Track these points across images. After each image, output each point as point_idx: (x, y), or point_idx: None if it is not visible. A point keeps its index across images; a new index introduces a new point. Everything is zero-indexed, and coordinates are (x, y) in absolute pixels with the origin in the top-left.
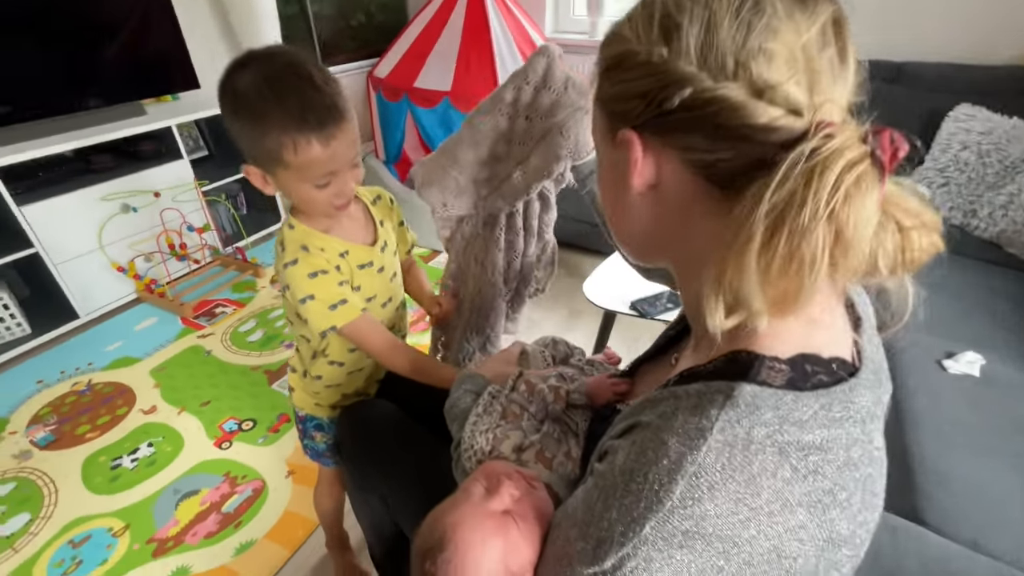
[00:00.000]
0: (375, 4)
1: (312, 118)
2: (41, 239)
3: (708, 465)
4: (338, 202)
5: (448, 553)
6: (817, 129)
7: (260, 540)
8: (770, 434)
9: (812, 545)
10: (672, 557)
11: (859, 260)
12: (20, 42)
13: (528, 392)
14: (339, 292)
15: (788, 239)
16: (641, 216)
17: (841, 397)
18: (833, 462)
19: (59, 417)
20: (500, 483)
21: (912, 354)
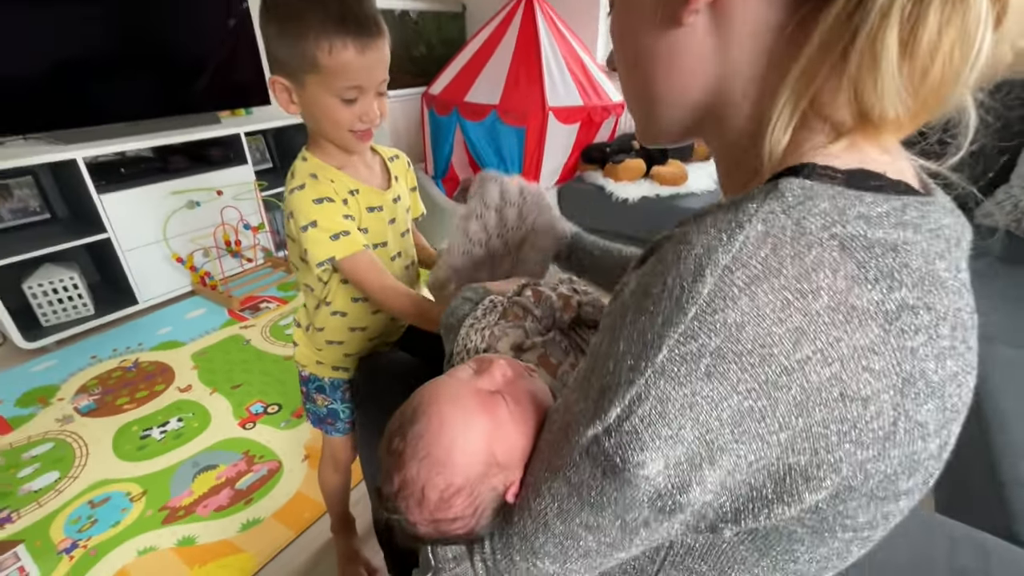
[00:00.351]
0: (436, 36)
1: (352, 22)
2: (114, 226)
3: (746, 257)
4: (360, 126)
5: (420, 427)
6: None
7: (267, 519)
8: (827, 225)
9: (888, 384)
10: (697, 392)
11: (1006, 46)
12: (123, 59)
13: (535, 299)
14: (342, 223)
15: (942, 7)
16: (691, 54)
17: (918, 207)
18: (913, 269)
19: (103, 389)
20: (492, 363)
21: (998, 361)
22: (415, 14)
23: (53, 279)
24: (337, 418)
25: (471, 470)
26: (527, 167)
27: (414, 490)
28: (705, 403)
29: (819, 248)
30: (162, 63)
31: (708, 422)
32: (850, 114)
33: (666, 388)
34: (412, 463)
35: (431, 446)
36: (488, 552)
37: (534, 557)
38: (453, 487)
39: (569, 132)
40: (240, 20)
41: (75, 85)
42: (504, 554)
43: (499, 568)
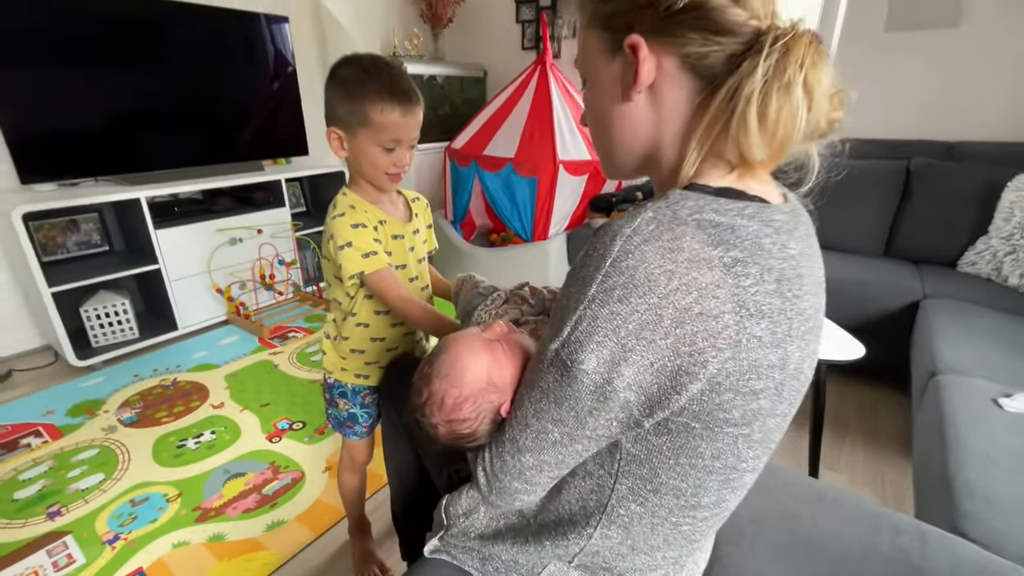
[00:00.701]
0: (460, 97)
1: (399, 93)
2: (165, 258)
3: (640, 228)
4: (394, 170)
5: (444, 356)
6: (770, 28)
7: (290, 521)
8: (691, 213)
9: (730, 307)
10: (614, 312)
11: (818, 117)
12: (182, 114)
13: (532, 292)
14: (372, 245)
15: (778, 96)
16: (637, 121)
17: (756, 207)
18: (744, 240)
19: (145, 403)
20: (493, 323)
21: (966, 391)
22: (442, 79)
23: (107, 304)
24: (356, 422)
25: (475, 386)
26: (539, 214)
27: (436, 398)
28: (619, 319)
29: (684, 225)
30: (216, 118)
31: (620, 331)
32: (736, 157)
33: (596, 310)
34: (436, 380)
35: (450, 368)
36: (487, 460)
37: (518, 453)
38: (463, 396)
39: (578, 183)
40: (284, 81)
41: (140, 136)
42: (498, 457)
43: (495, 470)
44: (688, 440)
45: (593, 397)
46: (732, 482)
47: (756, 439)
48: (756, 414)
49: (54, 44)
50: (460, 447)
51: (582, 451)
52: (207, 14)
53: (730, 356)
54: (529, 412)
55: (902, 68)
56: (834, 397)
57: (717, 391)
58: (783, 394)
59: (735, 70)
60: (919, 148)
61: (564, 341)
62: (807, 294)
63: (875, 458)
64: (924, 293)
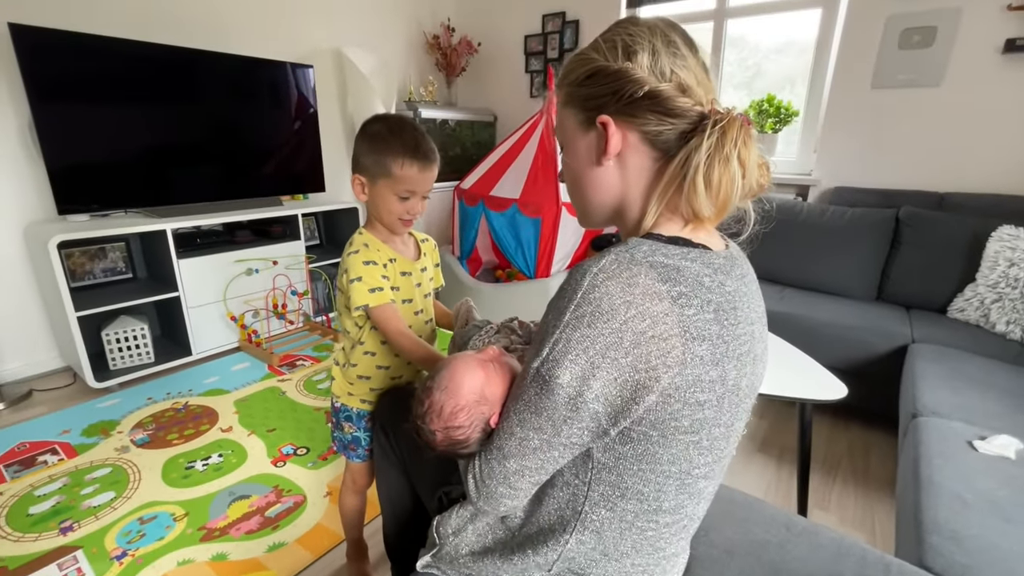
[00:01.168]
0: (470, 140)
1: (420, 151)
2: (185, 286)
3: (605, 267)
4: (406, 216)
5: (444, 372)
6: (711, 112)
7: (290, 543)
8: (645, 256)
9: (676, 331)
10: (584, 334)
11: (751, 182)
12: (208, 151)
13: (520, 326)
14: (379, 281)
15: (719, 166)
16: (606, 182)
17: (698, 253)
18: (688, 279)
19: (157, 426)
20: (486, 348)
21: (943, 433)
22: (453, 122)
23: (126, 329)
24: (359, 445)
25: (470, 397)
26: (542, 253)
27: (436, 407)
28: (588, 340)
29: (639, 265)
30: (242, 155)
31: (589, 351)
32: (689, 213)
33: (569, 333)
34: (436, 391)
35: (449, 382)
36: (477, 467)
37: (504, 459)
38: (459, 406)
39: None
40: (306, 123)
41: (171, 171)
42: (486, 463)
43: (483, 476)
44: (648, 447)
45: (567, 407)
46: (688, 487)
47: (705, 446)
48: (702, 423)
49: (97, 86)
50: (454, 453)
51: (559, 457)
52: (240, 63)
53: (678, 372)
54: (514, 422)
55: (889, 122)
56: (825, 438)
57: (668, 402)
58: (724, 406)
59: (685, 144)
60: (911, 198)
61: (543, 359)
62: (741, 323)
63: (865, 499)
64: (913, 338)
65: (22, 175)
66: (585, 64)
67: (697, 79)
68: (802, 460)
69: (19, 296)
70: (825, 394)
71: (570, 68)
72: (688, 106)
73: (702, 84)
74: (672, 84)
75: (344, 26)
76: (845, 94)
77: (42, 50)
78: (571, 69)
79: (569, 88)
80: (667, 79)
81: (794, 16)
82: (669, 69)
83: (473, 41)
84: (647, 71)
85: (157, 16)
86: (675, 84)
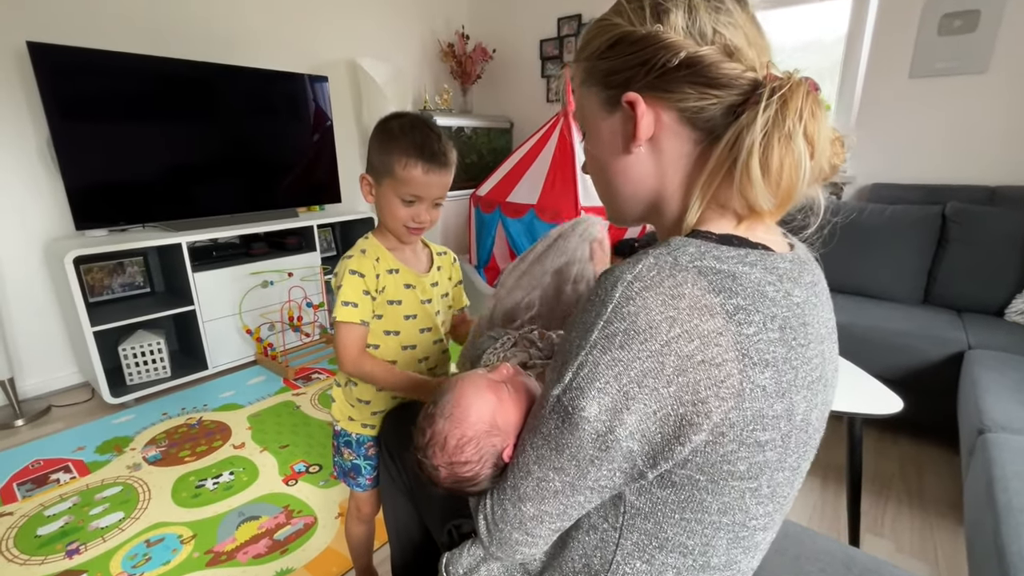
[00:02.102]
0: (486, 148)
1: (426, 152)
2: (200, 300)
3: (641, 274)
4: (412, 224)
5: (449, 396)
6: (767, 79)
7: (298, 569)
8: (692, 260)
9: (732, 355)
10: (615, 358)
11: (821, 163)
12: (225, 165)
13: (540, 336)
14: (357, 296)
15: (780, 147)
16: (638, 172)
17: (758, 255)
18: (746, 288)
19: (170, 442)
20: (499, 365)
21: (1016, 452)
22: (469, 130)
23: (143, 343)
24: (359, 473)
25: (479, 427)
26: None
27: (439, 439)
28: (620, 365)
29: (685, 272)
30: (259, 168)
31: (622, 378)
32: (743, 207)
33: (597, 356)
34: (440, 420)
35: (454, 409)
36: (488, 508)
37: (519, 502)
38: (466, 437)
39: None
40: (323, 134)
41: (188, 185)
42: (499, 504)
43: (495, 519)
44: (693, 493)
45: (595, 445)
46: (742, 541)
47: (765, 493)
48: (763, 467)
49: (113, 101)
50: (461, 491)
51: (584, 503)
52: (255, 75)
53: (733, 406)
54: (531, 458)
55: (931, 113)
56: (873, 454)
57: (721, 442)
58: (790, 446)
59: (734, 121)
60: (958, 193)
61: (566, 387)
62: (812, 343)
63: (923, 523)
64: (969, 343)
65: (42, 192)
66: (606, 32)
67: (748, 38)
68: (852, 481)
69: (40, 312)
70: (878, 408)
71: (588, 38)
72: (737, 73)
73: (754, 44)
74: (716, 47)
75: (359, 37)
76: (880, 86)
77: (60, 67)
78: (589, 39)
79: (588, 62)
80: (708, 41)
81: (821, 8)
82: (711, 28)
83: (488, 48)
84: (683, 33)
85: (171, 31)
86: (719, 46)
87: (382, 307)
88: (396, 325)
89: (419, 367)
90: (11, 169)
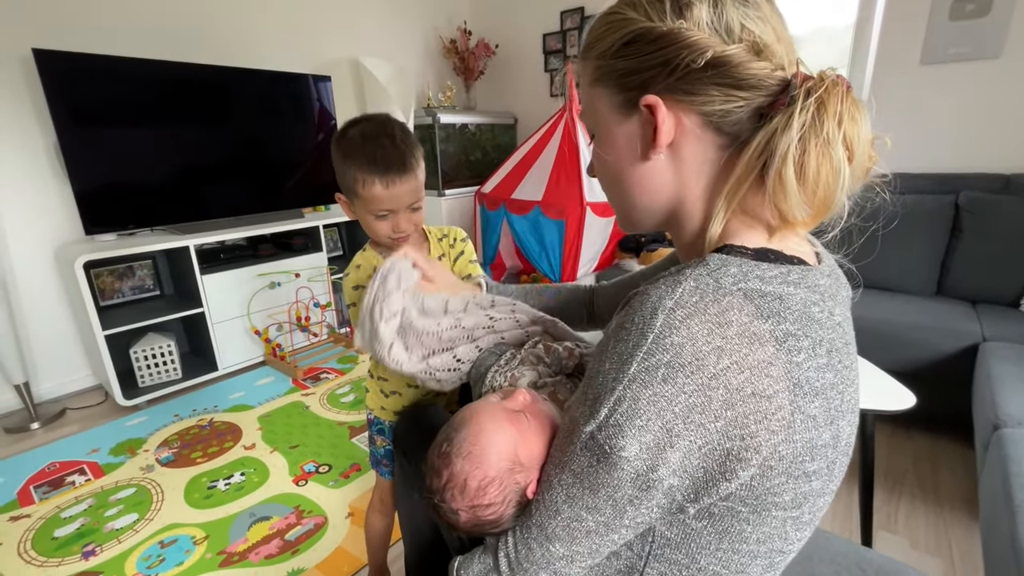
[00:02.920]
0: (490, 144)
1: (380, 164)
2: (209, 302)
3: (683, 301)
4: (394, 235)
5: (463, 433)
6: (798, 78)
7: (310, 569)
8: (736, 282)
9: (784, 385)
10: (657, 393)
11: (859, 165)
12: (231, 168)
13: (546, 351)
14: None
15: (818, 153)
16: (656, 180)
17: (799, 273)
18: (794, 311)
19: (182, 443)
20: (514, 391)
21: None
22: (473, 126)
23: (154, 346)
24: (392, 460)
25: (501, 465)
26: (567, 256)
27: (458, 481)
28: (663, 400)
29: (730, 296)
30: (265, 170)
31: (666, 414)
32: (773, 216)
33: (637, 391)
34: (457, 460)
35: (472, 447)
36: (510, 546)
37: (547, 542)
38: (488, 478)
39: (605, 224)
40: (327, 134)
41: (196, 188)
42: (523, 543)
43: (519, 558)
44: (733, 524)
45: (634, 486)
46: (776, 566)
47: (805, 520)
48: (807, 496)
49: (119, 106)
50: (481, 533)
51: (618, 540)
52: (260, 77)
53: (783, 439)
54: (560, 497)
55: (943, 100)
56: (885, 448)
57: (768, 475)
58: (834, 473)
59: (763, 125)
60: (972, 182)
61: (601, 424)
62: (854, 364)
63: (937, 519)
64: (984, 336)
65: (52, 198)
66: (620, 28)
67: (776, 33)
68: (865, 478)
69: (54, 317)
70: (891, 404)
71: (598, 35)
72: (766, 73)
73: (782, 40)
74: (743, 44)
75: (360, 35)
76: (891, 74)
77: (66, 74)
78: (599, 35)
79: (600, 61)
80: (736, 38)
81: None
82: (739, 23)
83: (491, 43)
84: (707, 29)
85: (174, 34)
86: (747, 44)
87: None
88: None
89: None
90: (21, 176)
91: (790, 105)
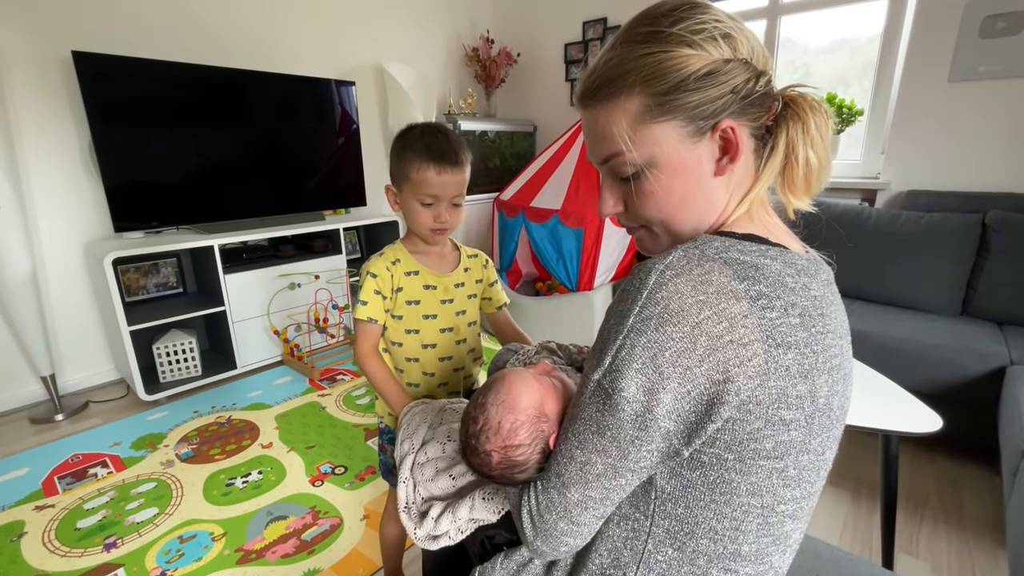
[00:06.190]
0: (509, 152)
1: (436, 154)
2: (231, 300)
3: (672, 263)
4: (434, 224)
5: (498, 387)
6: (784, 90)
7: (325, 570)
8: (718, 252)
9: (758, 336)
10: (651, 340)
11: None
12: (254, 169)
13: (558, 347)
14: (369, 296)
15: (820, 143)
16: (716, 196)
17: (778, 251)
18: (768, 277)
19: (201, 440)
20: (537, 362)
21: None
22: (493, 134)
23: (176, 342)
24: None
25: (530, 412)
26: (584, 265)
27: (492, 424)
28: (655, 346)
29: (711, 262)
30: (288, 172)
31: (657, 359)
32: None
33: (634, 339)
34: (492, 408)
35: (506, 395)
36: (532, 499)
37: (564, 488)
38: (519, 421)
39: (624, 235)
40: (349, 138)
41: (217, 189)
42: (543, 492)
43: (540, 509)
44: (722, 474)
45: (634, 425)
46: (772, 528)
47: (792, 476)
48: (789, 447)
49: (152, 108)
50: (510, 478)
51: (625, 486)
52: (286, 81)
53: (759, 384)
54: (573, 444)
55: (971, 118)
56: (908, 470)
57: (748, 419)
58: (813, 428)
59: (779, 131)
60: (1000, 201)
61: (606, 370)
62: (830, 333)
63: (960, 543)
64: (1011, 359)
65: (84, 195)
66: (685, 64)
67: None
68: (887, 501)
69: (80, 311)
70: (916, 426)
71: (655, 71)
72: (775, 90)
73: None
74: (768, 67)
75: (385, 41)
76: (918, 90)
77: (102, 75)
78: (657, 73)
79: (661, 97)
80: (761, 64)
81: (853, 10)
82: (760, 48)
83: (512, 52)
84: (750, 55)
85: (206, 39)
86: (765, 60)
87: (401, 307)
88: (416, 324)
89: (442, 365)
90: (57, 173)
91: (796, 112)
